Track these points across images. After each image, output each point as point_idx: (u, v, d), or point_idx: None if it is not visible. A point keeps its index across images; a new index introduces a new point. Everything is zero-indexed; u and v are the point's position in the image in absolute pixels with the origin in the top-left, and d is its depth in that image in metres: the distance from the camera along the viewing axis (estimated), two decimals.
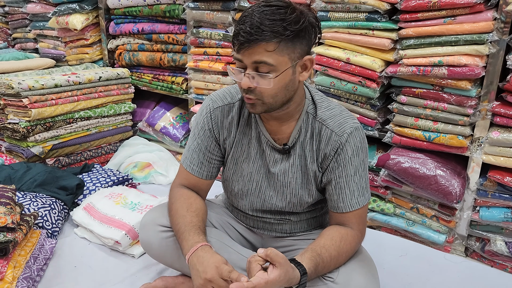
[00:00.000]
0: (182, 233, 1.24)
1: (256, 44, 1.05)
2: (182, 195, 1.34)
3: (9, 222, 1.41)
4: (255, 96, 1.13)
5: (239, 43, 1.07)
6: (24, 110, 2.21)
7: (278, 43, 1.06)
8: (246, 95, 1.14)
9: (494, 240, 1.78)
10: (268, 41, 1.05)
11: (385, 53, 1.86)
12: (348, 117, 1.25)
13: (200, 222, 1.27)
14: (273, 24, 1.04)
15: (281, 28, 1.05)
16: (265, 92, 1.12)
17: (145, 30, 2.61)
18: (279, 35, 1.05)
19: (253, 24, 1.04)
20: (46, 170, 2.05)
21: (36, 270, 1.52)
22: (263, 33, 1.04)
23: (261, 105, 1.14)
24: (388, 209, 1.99)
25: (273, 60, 1.07)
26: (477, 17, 1.65)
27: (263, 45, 1.05)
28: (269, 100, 1.13)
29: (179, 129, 2.70)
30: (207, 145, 1.33)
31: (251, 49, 1.06)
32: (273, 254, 1.05)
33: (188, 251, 1.18)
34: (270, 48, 1.06)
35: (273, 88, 1.11)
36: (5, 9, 3.39)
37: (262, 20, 1.04)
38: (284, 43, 1.07)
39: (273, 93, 1.12)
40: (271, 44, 1.06)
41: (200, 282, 1.12)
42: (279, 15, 1.05)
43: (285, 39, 1.06)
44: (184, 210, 1.28)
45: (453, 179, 1.78)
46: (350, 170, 1.23)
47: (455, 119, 1.77)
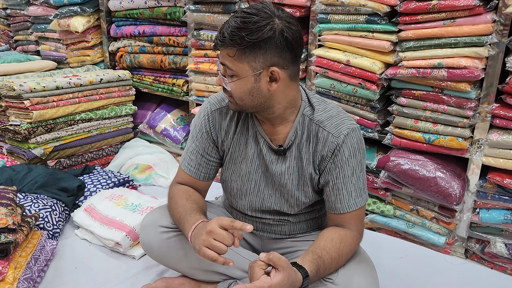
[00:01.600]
0: (183, 218, 1.25)
1: (223, 47, 1.14)
2: (180, 189, 1.36)
3: (10, 223, 1.42)
4: (228, 94, 1.21)
5: (215, 43, 1.16)
6: (26, 112, 2.22)
7: (236, 51, 1.11)
8: (223, 91, 1.23)
9: (494, 242, 1.78)
10: (228, 47, 1.12)
11: (385, 55, 1.87)
12: (345, 118, 1.25)
13: (200, 209, 1.28)
14: (232, 33, 1.10)
15: (238, 37, 1.09)
16: (233, 93, 1.19)
17: (146, 32, 2.62)
18: (236, 44, 1.10)
19: (222, 30, 1.13)
20: (47, 171, 2.06)
21: (37, 271, 1.52)
22: (224, 40, 1.12)
23: (234, 104, 1.22)
24: (388, 211, 1.99)
25: (233, 65, 1.14)
26: (476, 20, 1.66)
27: (226, 50, 1.13)
28: (239, 101, 1.20)
29: (180, 131, 2.71)
30: (205, 147, 1.35)
31: (221, 51, 1.15)
32: (275, 258, 1.05)
33: (190, 228, 1.19)
34: (231, 54, 1.13)
35: (236, 91, 1.17)
36: (7, 11, 3.41)
37: (230, 27, 1.11)
38: (242, 52, 1.11)
39: (238, 96, 1.18)
40: (231, 51, 1.12)
41: (202, 238, 1.11)
42: (243, 24, 1.09)
43: (242, 48, 1.10)
44: (184, 200, 1.30)
45: (453, 181, 1.78)
46: (347, 171, 1.23)
47: (455, 121, 1.78)
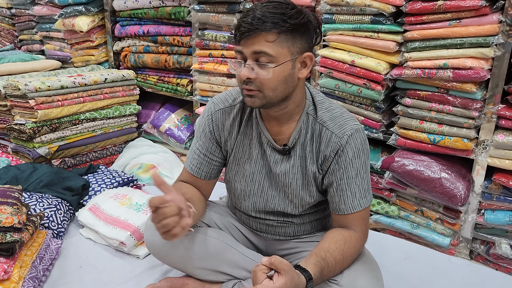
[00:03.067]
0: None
1: (257, 34, 1.08)
2: (176, 184, 1.37)
3: (15, 222, 1.42)
4: (255, 88, 1.13)
5: (240, 33, 1.11)
6: (31, 111, 2.23)
7: (278, 34, 1.09)
8: (246, 86, 1.14)
9: (499, 243, 1.78)
10: (268, 31, 1.08)
11: (390, 55, 1.86)
12: (349, 118, 1.25)
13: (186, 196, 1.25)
14: (274, 16, 1.08)
15: (281, 20, 1.08)
16: (265, 84, 1.12)
17: (151, 32, 2.62)
18: (279, 26, 1.08)
19: (255, 16, 1.08)
20: (52, 171, 2.07)
21: (42, 270, 1.53)
22: (264, 24, 1.07)
23: (260, 98, 1.15)
24: (393, 212, 1.99)
25: (273, 50, 1.09)
26: (482, 20, 1.65)
27: (263, 35, 1.08)
28: (269, 93, 1.14)
29: (184, 130, 2.71)
30: (208, 147, 1.35)
31: (252, 39, 1.09)
32: (277, 262, 1.04)
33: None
34: (270, 39, 1.08)
35: (273, 80, 1.12)
36: (11, 11, 3.42)
37: (264, 12, 1.08)
38: (284, 35, 1.10)
39: (273, 86, 1.13)
40: (271, 35, 1.08)
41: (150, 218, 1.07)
42: (280, 9, 1.09)
43: (285, 31, 1.09)
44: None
45: (458, 182, 1.78)
46: (352, 172, 1.23)
47: (460, 121, 1.77)
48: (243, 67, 1.13)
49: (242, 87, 1.16)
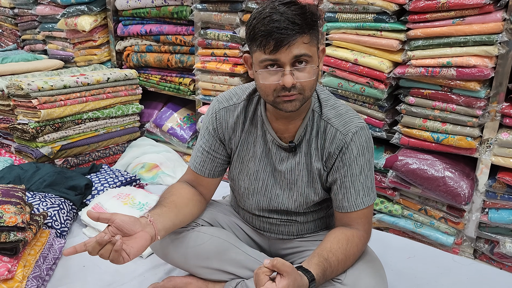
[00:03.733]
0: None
1: (296, 39, 1.07)
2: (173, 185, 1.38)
3: (19, 222, 1.42)
4: (297, 91, 1.12)
5: (275, 42, 1.07)
6: (34, 110, 2.23)
7: (311, 35, 1.10)
8: (288, 92, 1.12)
9: (503, 242, 1.77)
10: (305, 34, 1.08)
11: (393, 54, 1.86)
12: (354, 116, 1.25)
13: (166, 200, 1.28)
14: (304, 17, 1.08)
15: (310, 20, 1.10)
16: (307, 85, 1.13)
17: (153, 31, 2.62)
18: (311, 27, 1.10)
19: (286, 20, 1.06)
20: (55, 170, 2.07)
21: (46, 269, 1.53)
22: (299, 27, 1.07)
23: (301, 100, 1.14)
24: (396, 211, 1.98)
25: (310, 51, 1.11)
26: (486, 18, 1.64)
27: (300, 39, 1.08)
28: (308, 93, 1.15)
29: (187, 130, 2.71)
30: (211, 145, 1.35)
31: (290, 45, 1.07)
32: (279, 264, 1.04)
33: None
34: (306, 40, 1.09)
35: (313, 79, 1.13)
36: (14, 11, 3.43)
37: (291, 15, 1.07)
38: (313, 34, 1.12)
39: (311, 85, 1.14)
40: (307, 37, 1.09)
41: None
42: (301, 9, 1.10)
43: (314, 30, 1.11)
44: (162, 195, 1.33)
45: (462, 180, 1.77)
46: (356, 170, 1.22)
47: (464, 120, 1.77)
48: (284, 75, 1.10)
49: (282, 94, 1.12)
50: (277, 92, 1.13)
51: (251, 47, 1.14)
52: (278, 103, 1.15)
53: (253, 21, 1.11)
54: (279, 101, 1.14)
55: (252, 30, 1.11)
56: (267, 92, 1.14)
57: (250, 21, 1.13)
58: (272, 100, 1.15)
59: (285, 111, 1.16)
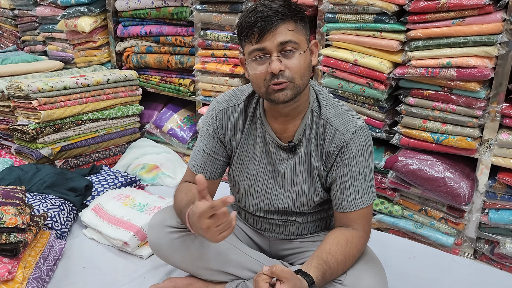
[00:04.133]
0: (181, 211, 1.24)
1: (279, 25, 1.10)
2: (182, 186, 1.36)
3: (19, 223, 1.42)
4: (286, 79, 1.12)
5: (259, 29, 1.10)
6: (34, 112, 2.23)
7: (296, 23, 1.12)
8: (277, 80, 1.12)
9: (503, 243, 1.77)
10: (288, 20, 1.11)
11: (393, 54, 1.86)
12: (353, 116, 1.25)
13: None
14: (286, 7, 1.11)
15: (295, 9, 1.12)
16: (296, 72, 1.13)
17: (153, 32, 2.62)
18: (295, 15, 1.12)
19: (269, 10, 1.09)
20: (55, 171, 2.07)
21: (46, 270, 1.53)
22: (282, 14, 1.09)
23: (292, 89, 1.14)
24: (396, 211, 1.98)
25: (296, 38, 1.12)
26: (486, 19, 1.64)
27: (285, 25, 1.10)
28: (299, 81, 1.15)
29: (187, 131, 2.71)
30: (212, 146, 1.35)
31: (274, 32, 1.10)
32: (278, 270, 1.04)
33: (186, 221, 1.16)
34: (291, 28, 1.11)
35: (302, 66, 1.14)
36: (14, 12, 3.43)
37: (274, 5, 1.10)
38: (300, 24, 1.14)
39: (302, 72, 1.14)
40: (291, 24, 1.11)
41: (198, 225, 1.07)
42: (285, 1, 1.13)
43: (299, 19, 1.13)
44: (183, 194, 1.30)
45: (462, 181, 1.77)
46: (355, 169, 1.23)
47: (464, 120, 1.77)
48: (273, 60, 1.11)
49: (272, 82, 1.13)
50: (267, 81, 1.13)
51: (241, 43, 1.18)
52: (269, 94, 1.15)
53: (241, 17, 1.15)
54: (270, 91, 1.15)
55: (239, 25, 1.15)
56: (259, 83, 1.15)
57: (239, 19, 1.17)
58: (264, 91, 1.16)
59: (277, 102, 1.16)
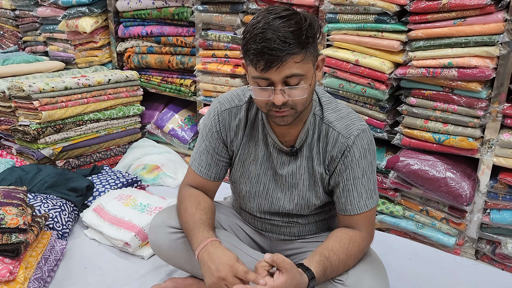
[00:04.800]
0: (191, 230, 1.24)
1: (286, 60, 1.04)
2: (190, 194, 1.35)
3: (21, 223, 1.42)
4: (288, 108, 1.12)
5: (265, 62, 1.04)
6: (35, 112, 2.23)
7: (305, 53, 1.06)
8: (279, 109, 1.11)
9: (505, 243, 1.77)
10: (297, 54, 1.04)
11: (394, 54, 1.86)
12: (355, 119, 1.25)
13: (209, 220, 1.28)
14: (297, 36, 1.03)
15: (305, 37, 1.04)
16: (298, 102, 1.11)
17: (154, 32, 2.62)
18: (305, 45, 1.05)
19: (278, 39, 1.02)
20: (56, 172, 2.07)
21: (47, 271, 1.53)
22: (291, 47, 1.03)
23: (293, 115, 1.14)
24: (397, 212, 1.98)
25: (302, 70, 1.08)
26: (487, 19, 1.64)
27: (292, 59, 1.04)
28: (301, 108, 1.14)
29: (188, 131, 2.71)
30: (215, 147, 1.34)
31: (280, 66, 1.04)
32: (279, 260, 1.04)
33: (198, 246, 1.18)
34: (298, 60, 1.06)
35: (305, 97, 1.11)
36: (15, 12, 3.43)
37: (284, 33, 1.03)
38: (308, 51, 1.08)
39: (304, 101, 1.13)
40: (299, 56, 1.05)
41: (213, 280, 1.12)
42: (296, 25, 1.04)
43: (308, 47, 1.07)
44: (193, 208, 1.29)
45: (463, 181, 1.77)
46: (358, 173, 1.22)
47: (465, 121, 1.76)
48: (276, 93, 1.09)
49: (273, 109, 1.12)
50: (269, 106, 1.13)
51: (245, 59, 1.12)
52: (271, 117, 1.17)
53: (247, 35, 1.08)
54: (272, 115, 1.15)
55: (245, 45, 1.08)
56: (260, 105, 1.17)
57: (244, 34, 1.10)
58: (266, 112, 1.17)
59: (277, 125, 1.18)
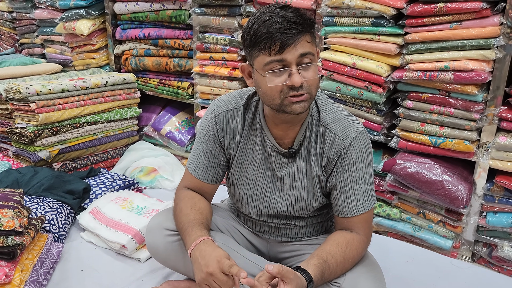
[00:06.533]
0: (185, 230, 1.25)
1: (299, 38, 1.09)
2: (186, 195, 1.35)
3: (17, 226, 1.42)
4: (305, 91, 1.12)
5: (280, 42, 1.07)
6: (32, 114, 2.23)
7: (311, 34, 1.13)
8: (296, 92, 1.11)
9: (501, 246, 1.77)
10: (307, 32, 1.10)
11: (391, 58, 1.86)
12: (353, 121, 1.25)
13: (204, 219, 1.28)
14: (303, 18, 1.10)
15: (310, 21, 1.12)
16: (313, 84, 1.13)
17: (151, 35, 2.62)
18: (311, 27, 1.12)
19: (288, 22, 1.08)
20: (53, 174, 2.06)
21: (43, 273, 1.52)
22: (302, 26, 1.09)
23: (308, 101, 1.14)
24: (394, 214, 1.98)
25: (313, 50, 1.12)
26: (483, 22, 1.65)
27: (304, 38, 1.10)
28: (315, 92, 1.16)
29: (185, 134, 2.71)
30: (212, 150, 1.34)
31: (295, 45, 1.08)
32: (284, 271, 1.05)
33: (190, 245, 1.19)
34: (309, 39, 1.11)
35: (317, 78, 1.15)
36: (13, 14, 3.43)
37: (291, 16, 1.09)
38: (313, 34, 1.14)
39: (317, 83, 1.15)
40: (309, 36, 1.11)
41: (201, 275, 1.13)
42: (297, 11, 1.12)
43: (313, 29, 1.14)
44: (188, 209, 1.30)
45: (460, 184, 1.77)
46: (355, 175, 1.23)
47: (462, 124, 1.77)
48: (292, 75, 1.10)
49: (291, 94, 1.11)
50: (284, 93, 1.12)
51: (252, 53, 1.13)
52: (285, 106, 1.13)
53: (253, 26, 1.10)
54: (287, 103, 1.13)
55: (253, 35, 1.10)
56: (274, 96, 1.13)
57: (249, 27, 1.12)
58: (279, 103, 1.13)
59: (294, 114, 1.15)
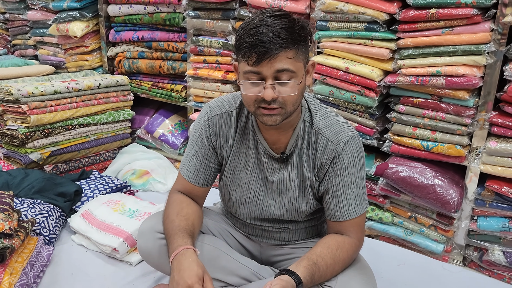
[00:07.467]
0: (169, 237, 1.24)
1: (278, 53, 1.06)
2: (175, 199, 1.35)
3: (6, 229, 1.41)
4: (278, 105, 1.12)
5: (257, 54, 1.06)
6: (23, 116, 2.21)
7: (296, 50, 1.09)
8: (268, 106, 1.12)
9: (492, 250, 1.78)
10: (289, 48, 1.07)
11: (384, 62, 1.88)
12: (345, 126, 1.25)
13: (189, 226, 1.27)
14: (291, 32, 1.07)
15: (297, 35, 1.08)
16: (288, 100, 1.12)
17: (145, 38, 2.62)
18: (297, 42, 1.08)
19: (271, 34, 1.05)
20: (44, 176, 2.05)
21: (33, 277, 1.51)
22: (284, 41, 1.06)
23: (282, 115, 1.14)
24: (386, 218, 1.99)
25: (294, 66, 1.10)
26: (474, 28, 1.67)
27: (284, 53, 1.07)
28: (291, 108, 1.14)
29: (178, 136, 2.70)
30: (204, 153, 1.34)
31: (272, 59, 1.07)
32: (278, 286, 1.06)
33: (171, 254, 1.19)
34: (291, 55, 1.08)
35: (295, 95, 1.12)
36: (5, 15, 3.41)
37: (277, 29, 1.06)
38: (300, 49, 1.10)
39: (294, 100, 1.13)
40: (291, 51, 1.08)
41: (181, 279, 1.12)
42: (289, 23, 1.08)
43: (300, 45, 1.10)
44: (174, 215, 1.29)
45: (451, 188, 1.79)
46: (347, 179, 1.23)
47: (453, 128, 1.79)
48: (266, 87, 1.09)
49: (261, 106, 1.12)
50: (257, 103, 1.13)
51: (237, 56, 1.15)
52: (258, 115, 1.16)
53: (241, 31, 1.11)
54: (259, 113, 1.15)
55: (238, 40, 1.11)
56: (249, 103, 1.15)
57: (238, 31, 1.13)
58: (253, 111, 1.16)
59: (265, 125, 1.17)
